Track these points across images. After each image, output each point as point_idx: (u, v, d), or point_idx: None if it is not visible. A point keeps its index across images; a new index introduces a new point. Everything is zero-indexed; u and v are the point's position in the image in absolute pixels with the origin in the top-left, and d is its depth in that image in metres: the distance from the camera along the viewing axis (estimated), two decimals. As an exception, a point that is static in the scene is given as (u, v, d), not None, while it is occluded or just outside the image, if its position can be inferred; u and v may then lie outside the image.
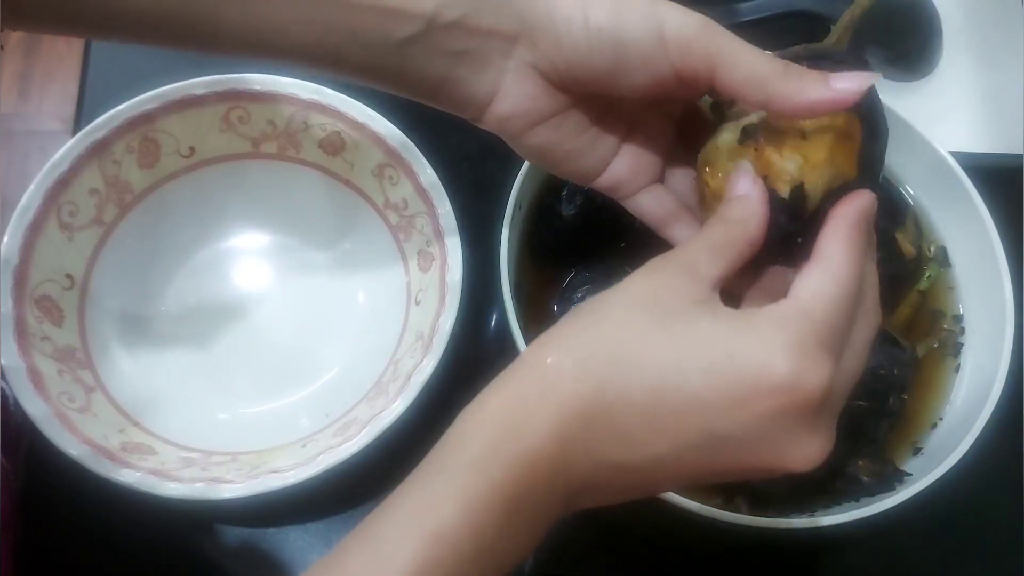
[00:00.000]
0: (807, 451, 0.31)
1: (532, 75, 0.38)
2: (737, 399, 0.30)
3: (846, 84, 0.34)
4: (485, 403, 0.32)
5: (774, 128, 0.36)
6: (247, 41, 0.36)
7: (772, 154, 0.35)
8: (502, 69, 0.38)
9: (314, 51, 0.37)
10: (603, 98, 0.39)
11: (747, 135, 0.36)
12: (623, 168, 0.41)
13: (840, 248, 0.33)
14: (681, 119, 0.42)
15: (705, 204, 0.38)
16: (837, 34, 0.39)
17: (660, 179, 0.42)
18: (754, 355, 0.30)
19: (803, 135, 0.35)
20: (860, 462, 0.47)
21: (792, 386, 0.30)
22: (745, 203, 0.35)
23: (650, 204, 0.42)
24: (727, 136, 0.37)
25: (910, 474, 0.47)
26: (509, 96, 0.38)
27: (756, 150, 0.36)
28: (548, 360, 0.32)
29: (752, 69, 0.34)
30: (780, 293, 0.33)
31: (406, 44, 0.36)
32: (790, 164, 0.35)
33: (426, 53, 0.37)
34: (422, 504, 0.30)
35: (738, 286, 0.36)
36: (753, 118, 0.37)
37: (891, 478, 0.47)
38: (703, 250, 0.34)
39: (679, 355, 0.31)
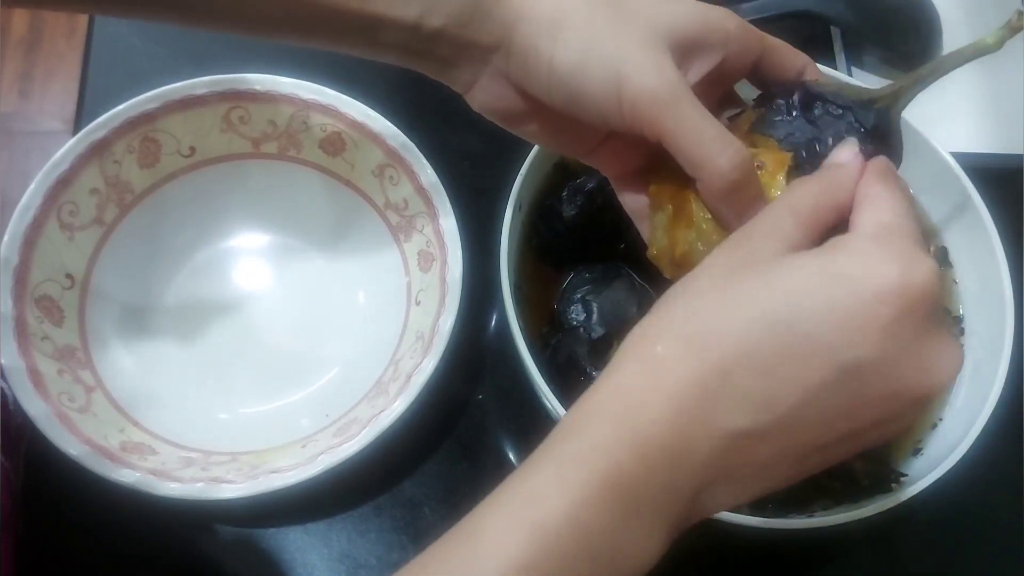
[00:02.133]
0: (948, 356, 0.30)
1: (504, 82, 0.39)
2: (856, 319, 0.29)
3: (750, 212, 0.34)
4: (593, 396, 0.30)
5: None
6: (235, 28, 0.38)
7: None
8: (478, 71, 0.39)
9: (301, 39, 0.39)
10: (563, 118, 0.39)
11: None
12: (609, 152, 0.41)
13: (886, 187, 0.33)
14: None
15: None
16: (905, 96, 0.39)
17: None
18: (860, 270, 0.29)
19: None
20: (858, 463, 0.47)
21: (905, 284, 0.29)
22: (845, 169, 0.35)
23: (631, 198, 0.42)
24: None
25: (906, 475, 0.47)
26: (484, 93, 0.40)
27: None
28: (657, 349, 0.30)
29: (694, 147, 0.34)
30: None
31: (389, 46, 0.38)
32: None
33: (408, 53, 0.38)
34: (526, 497, 0.28)
35: None
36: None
37: (888, 479, 0.47)
38: (787, 215, 0.33)
39: (783, 299, 0.29)
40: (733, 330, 0.29)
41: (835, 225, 0.33)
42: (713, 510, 0.31)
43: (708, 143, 0.34)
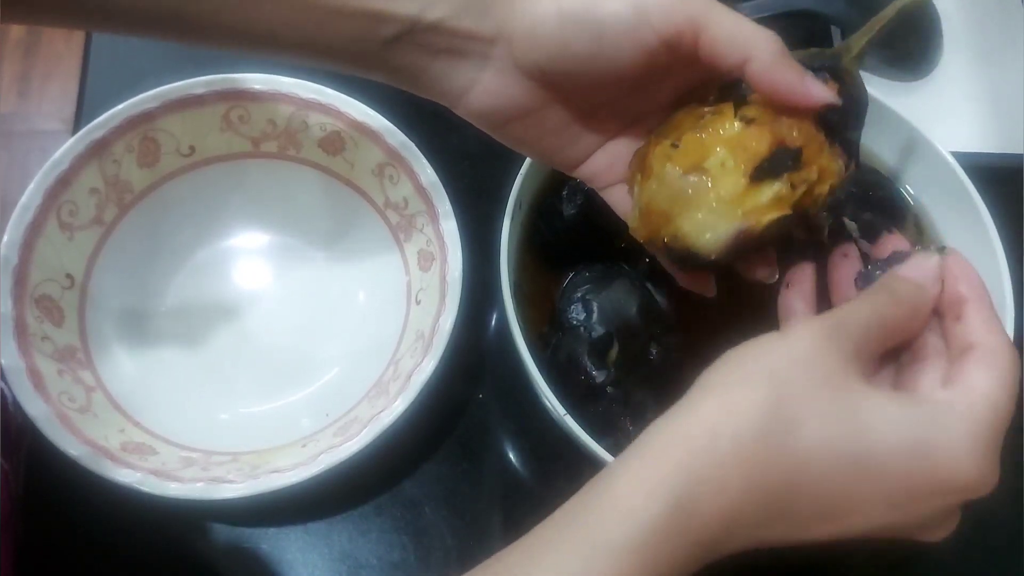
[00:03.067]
0: (947, 528, 0.33)
1: (511, 73, 0.38)
2: (925, 496, 0.31)
3: (817, 90, 0.35)
4: (654, 468, 0.30)
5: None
6: (235, 39, 0.38)
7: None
8: (480, 66, 0.39)
9: (302, 48, 0.39)
10: (583, 92, 0.39)
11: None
12: (601, 162, 0.42)
13: (1003, 340, 0.33)
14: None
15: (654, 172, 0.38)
16: (856, 47, 0.39)
17: None
18: (950, 457, 0.30)
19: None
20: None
21: (977, 489, 0.31)
22: (924, 293, 0.35)
23: (622, 199, 0.42)
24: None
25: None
26: (485, 93, 0.39)
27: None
28: (729, 429, 0.30)
29: (736, 30, 0.35)
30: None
31: (389, 42, 0.38)
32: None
33: (407, 49, 0.38)
34: None
35: None
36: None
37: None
38: (876, 325, 0.33)
39: (874, 447, 0.30)
40: (818, 456, 0.30)
41: (897, 345, 0.34)
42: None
43: (747, 26, 0.35)
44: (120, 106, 0.52)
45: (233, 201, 0.57)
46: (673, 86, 0.40)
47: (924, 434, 0.30)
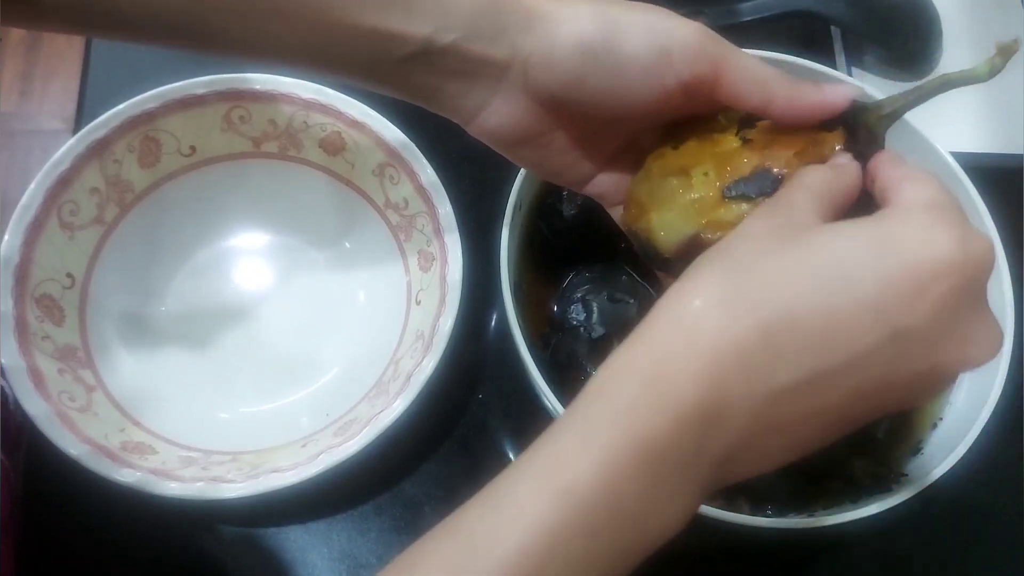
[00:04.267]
0: (990, 335, 0.30)
1: (521, 98, 0.38)
2: (913, 288, 0.28)
3: (836, 93, 0.35)
4: (625, 355, 0.29)
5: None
6: (250, 51, 0.38)
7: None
8: (493, 90, 0.38)
9: (313, 61, 0.38)
10: (592, 121, 0.39)
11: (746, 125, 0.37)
12: (608, 183, 0.42)
13: (910, 171, 0.33)
14: None
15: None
16: (881, 118, 0.38)
17: None
18: (912, 240, 0.29)
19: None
20: (858, 463, 0.47)
21: (963, 260, 0.29)
22: (849, 162, 0.35)
23: None
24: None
25: (906, 474, 0.47)
26: (495, 115, 0.39)
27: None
28: (695, 307, 0.29)
29: (754, 73, 0.35)
30: None
31: (401, 62, 0.37)
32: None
33: (421, 69, 0.38)
34: (553, 460, 0.28)
35: None
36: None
37: (888, 480, 0.47)
38: (802, 193, 0.33)
39: (832, 264, 0.29)
40: (779, 291, 0.29)
41: (845, 209, 0.33)
42: (737, 477, 0.30)
43: (763, 69, 0.35)
44: (121, 106, 0.52)
45: (234, 201, 0.57)
46: (677, 114, 0.40)
47: (882, 229, 0.30)
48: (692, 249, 0.36)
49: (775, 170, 0.35)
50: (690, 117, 0.39)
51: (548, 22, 0.36)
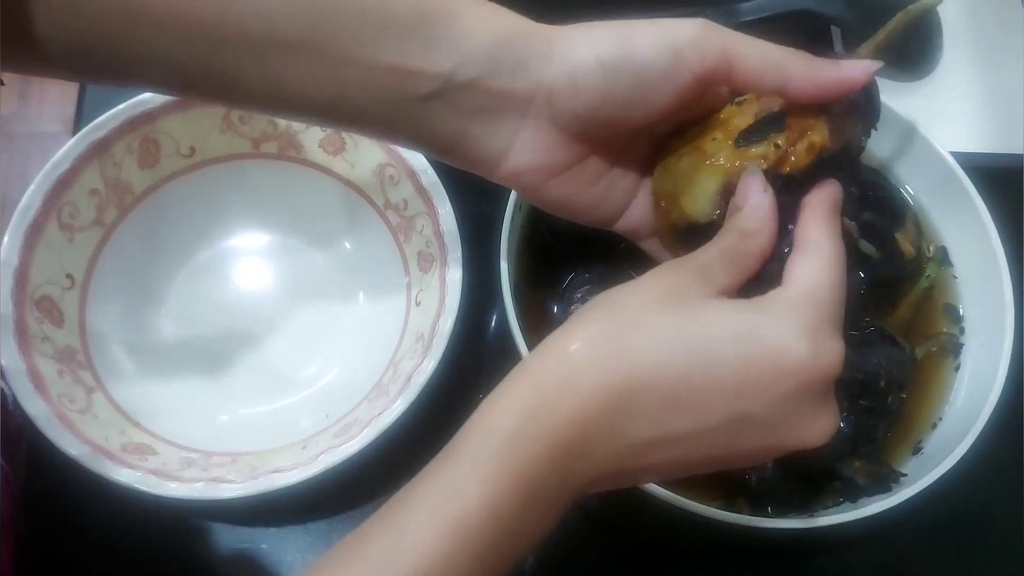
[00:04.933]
0: (823, 425, 0.34)
1: (549, 129, 0.38)
2: (764, 380, 0.32)
3: (855, 69, 0.36)
4: (509, 391, 0.33)
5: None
6: (265, 98, 0.37)
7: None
8: (518, 126, 0.38)
9: (331, 108, 0.37)
10: (619, 137, 0.40)
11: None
12: (637, 215, 0.42)
13: (826, 234, 0.35)
14: None
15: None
16: (869, 49, 0.40)
17: None
18: (777, 338, 0.32)
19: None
20: (856, 463, 0.47)
21: (812, 365, 0.32)
22: (758, 213, 0.36)
23: (659, 247, 0.43)
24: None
25: (905, 474, 0.47)
26: (525, 151, 0.39)
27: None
28: (572, 348, 0.32)
29: (766, 55, 0.36)
30: (771, 279, 0.35)
31: (423, 101, 0.37)
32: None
33: (442, 110, 0.37)
34: (446, 491, 0.30)
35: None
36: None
37: (887, 480, 0.47)
38: (716, 260, 0.35)
39: (704, 341, 0.32)
40: (650, 353, 0.32)
41: (754, 271, 0.36)
42: (604, 489, 0.34)
43: (774, 50, 0.36)
44: (120, 107, 0.52)
45: (233, 202, 0.57)
46: (696, 110, 0.40)
47: (751, 322, 0.33)
48: (726, 198, 0.37)
49: (775, 109, 0.37)
50: (688, 122, 0.40)
51: (566, 49, 0.37)
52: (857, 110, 0.38)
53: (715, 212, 0.38)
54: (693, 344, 0.32)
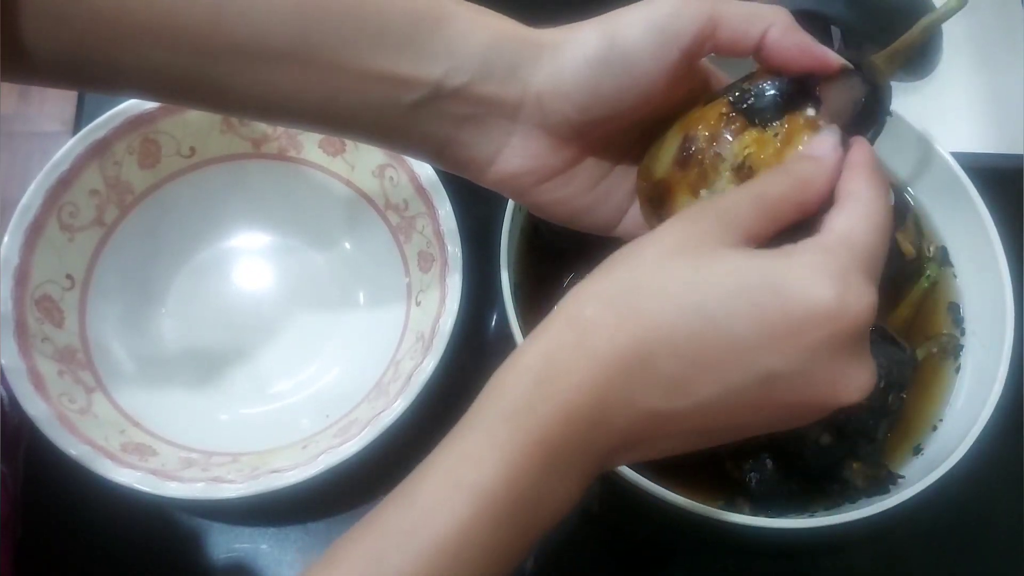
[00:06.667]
0: (859, 380, 0.31)
1: (539, 135, 0.38)
2: (786, 332, 0.30)
3: (830, 54, 0.37)
4: (522, 356, 0.32)
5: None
6: (255, 105, 0.37)
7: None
8: (508, 131, 0.38)
9: (322, 114, 0.37)
10: (611, 132, 0.39)
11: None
12: (637, 219, 0.41)
13: (867, 186, 0.33)
14: None
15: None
16: (886, 55, 0.40)
17: None
18: (799, 285, 0.30)
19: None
20: (855, 465, 0.47)
21: (839, 313, 0.30)
22: (818, 164, 0.34)
23: None
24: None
25: (903, 476, 0.47)
26: (514, 156, 0.39)
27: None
28: (587, 312, 0.31)
29: (747, 8, 0.36)
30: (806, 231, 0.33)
31: (412, 108, 0.37)
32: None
33: (432, 116, 0.37)
34: (460, 460, 0.30)
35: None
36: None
37: (886, 482, 0.47)
38: (744, 203, 0.33)
39: (719, 296, 0.30)
40: (665, 313, 0.30)
41: (796, 222, 0.33)
42: (619, 465, 0.34)
43: (756, 6, 0.36)
44: (120, 107, 0.52)
45: (233, 202, 0.57)
46: (683, 88, 0.40)
47: (771, 269, 0.30)
48: (687, 150, 0.37)
49: (744, 85, 0.37)
50: (672, 118, 0.40)
51: (555, 52, 0.36)
52: (855, 106, 0.37)
53: (675, 164, 0.38)
54: (707, 299, 0.30)
